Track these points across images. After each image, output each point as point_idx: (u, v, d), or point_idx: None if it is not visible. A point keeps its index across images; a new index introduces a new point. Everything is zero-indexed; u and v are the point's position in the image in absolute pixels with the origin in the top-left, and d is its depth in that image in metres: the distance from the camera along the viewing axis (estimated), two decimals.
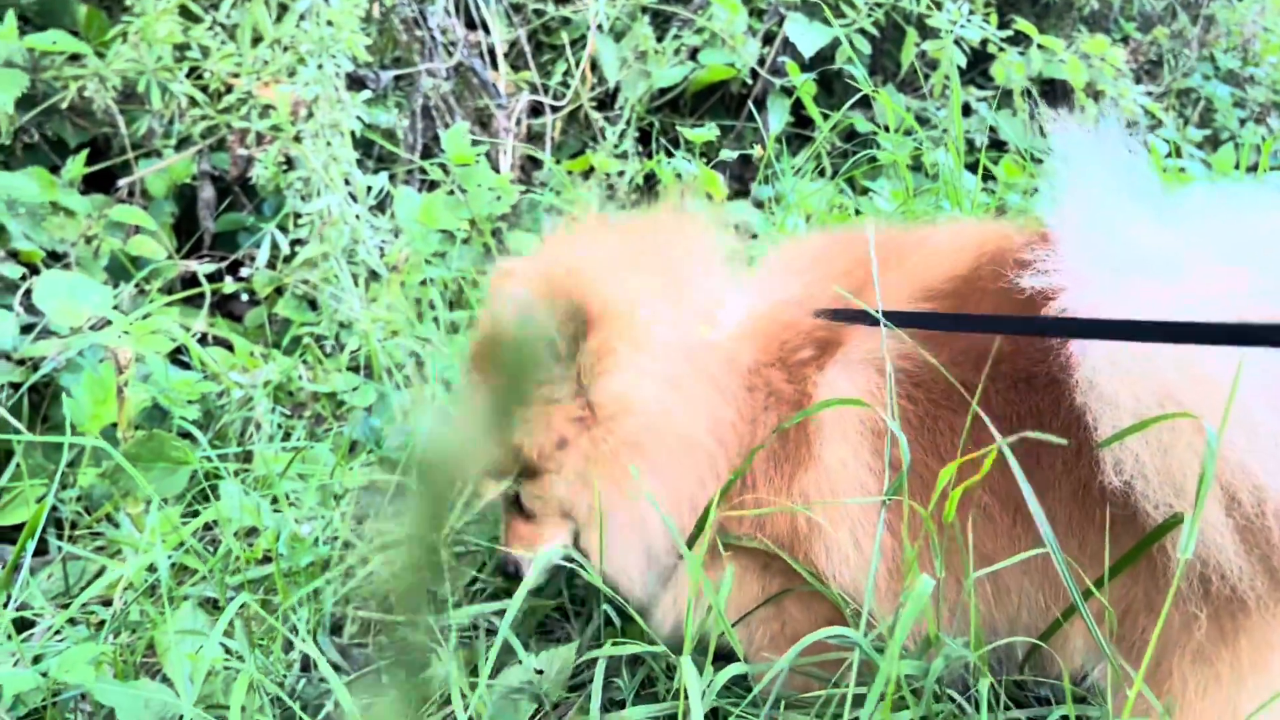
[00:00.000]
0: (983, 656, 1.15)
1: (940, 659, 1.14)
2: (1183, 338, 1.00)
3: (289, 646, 1.62)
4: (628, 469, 1.32)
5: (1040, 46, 3.23)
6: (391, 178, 2.69)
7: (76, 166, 2.28)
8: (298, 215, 2.44)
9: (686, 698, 1.16)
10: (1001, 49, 3.19)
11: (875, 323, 1.26)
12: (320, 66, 2.47)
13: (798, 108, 3.19)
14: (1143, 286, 1.09)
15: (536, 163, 3.10)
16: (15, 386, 1.94)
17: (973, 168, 2.80)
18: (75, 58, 2.45)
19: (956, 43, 3.06)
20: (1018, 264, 1.18)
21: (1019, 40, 3.25)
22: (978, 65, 3.41)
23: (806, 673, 1.31)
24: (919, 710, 1.15)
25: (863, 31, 3.17)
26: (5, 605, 1.55)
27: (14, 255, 2.04)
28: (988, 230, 1.40)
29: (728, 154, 2.88)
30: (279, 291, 2.46)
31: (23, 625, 1.65)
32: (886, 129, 2.83)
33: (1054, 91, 3.58)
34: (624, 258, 1.42)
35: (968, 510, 1.20)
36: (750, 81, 3.22)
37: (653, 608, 1.45)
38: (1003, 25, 3.21)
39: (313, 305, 2.44)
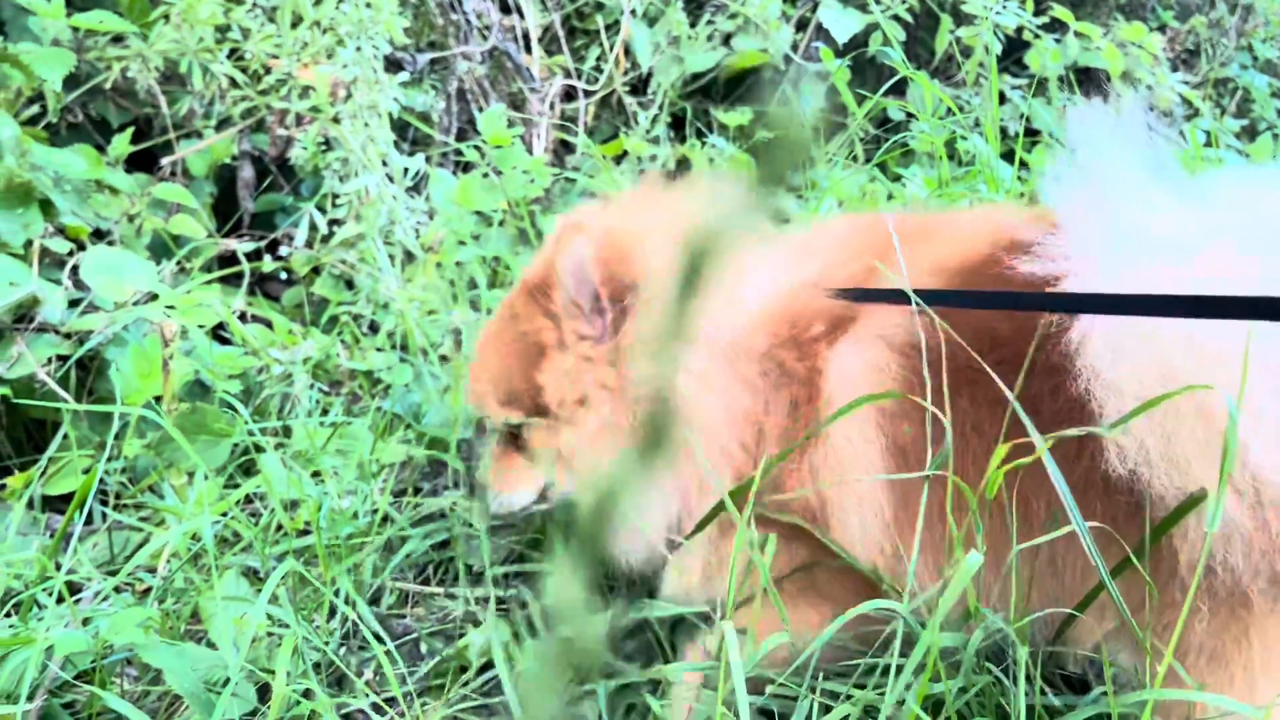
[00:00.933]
0: (1022, 630, 1.16)
1: (980, 631, 1.15)
2: (1197, 311, 0.99)
3: (331, 615, 1.65)
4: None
5: (1077, 34, 3.21)
6: (427, 159, 2.71)
7: (121, 144, 2.31)
8: (335, 196, 2.47)
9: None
10: (1037, 36, 3.16)
11: (892, 300, 1.26)
12: (359, 48, 2.49)
13: (830, 94, 3.19)
14: (1145, 271, 1.08)
15: (569, 147, 3.11)
16: (62, 359, 1.98)
17: (1007, 157, 2.78)
18: (118, 39, 2.49)
19: (992, 29, 3.05)
20: (1026, 252, 1.18)
21: (1055, 27, 3.22)
22: (1013, 53, 3.39)
23: (842, 645, 1.33)
24: (958, 681, 1.16)
25: (897, 18, 3.17)
26: (56, 572, 1.59)
27: (61, 231, 2.08)
28: (1006, 218, 1.39)
29: (763, 134, 2.89)
30: (316, 271, 2.49)
31: (71, 591, 1.69)
32: (918, 115, 2.83)
33: (1090, 79, 3.56)
34: (673, 230, 1.42)
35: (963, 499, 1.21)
36: (783, 68, 3.22)
37: (658, 574, 1.48)
38: (1039, 12, 3.19)
39: (349, 285, 2.47)
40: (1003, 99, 3.30)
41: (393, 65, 2.74)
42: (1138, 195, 1.16)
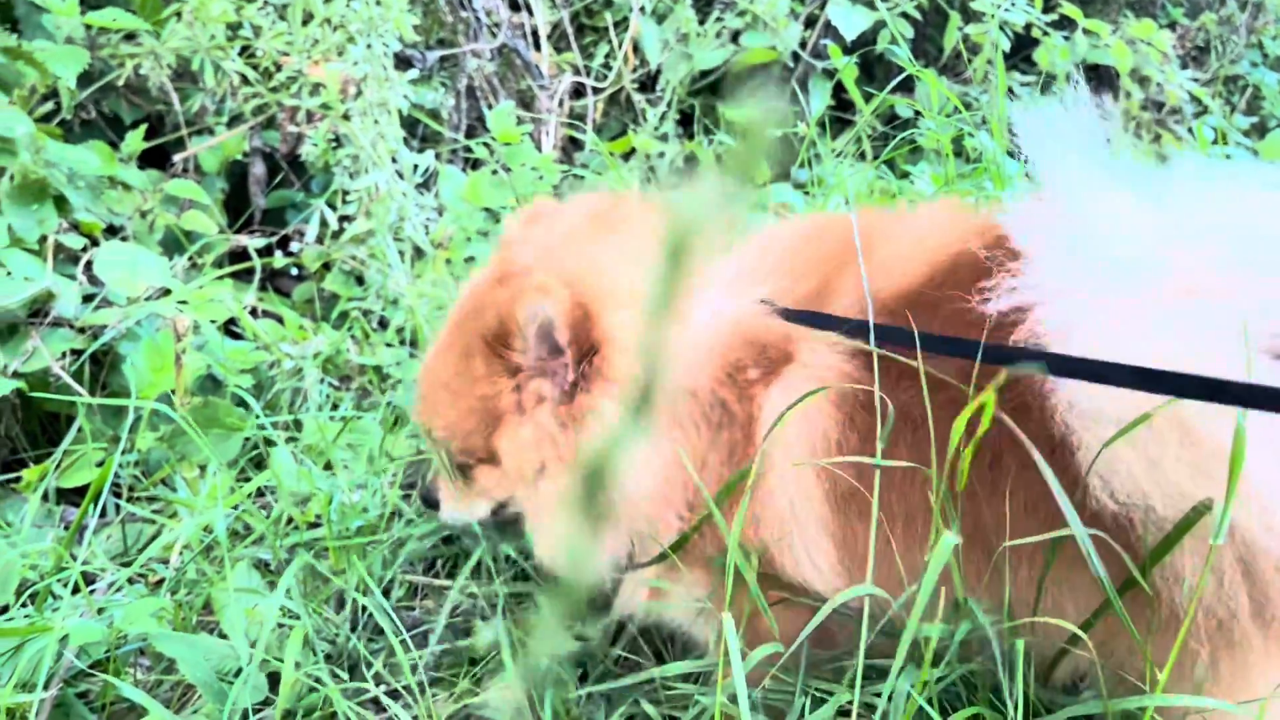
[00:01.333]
0: (1014, 630, 1.17)
1: (966, 623, 1.15)
2: (1148, 385, 0.95)
3: (339, 607, 1.67)
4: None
5: (1085, 31, 3.21)
6: (436, 156, 2.73)
7: (135, 141, 2.33)
8: (346, 192, 2.49)
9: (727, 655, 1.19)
10: (1046, 33, 3.17)
11: (846, 329, 1.23)
12: (369, 46, 2.51)
13: (838, 91, 3.19)
14: (1118, 303, 1.04)
15: (578, 144, 3.13)
16: (76, 354, 2.00)
17: (1014, 154, 2.79)
18: (131, 36, 2.51)
19: (1000, 27, 3.05)
20: (977, 276, 1.12)
21: (1064, 24, 3.22)
22: (1021, 50, 3.39)
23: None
24: (941, 671, 1.17)
25: (905, 15, 3.17)
26: (72, 562, 1.61)
27: (75, 227, 2.10)
28: (948, 231, 1.31)
29: (769, 133, 2.89)
30: (327, 267, 2.51)
31: (85, 582, 1.71)
32: (925, 112, 2.83)
33: (1099, 77, 3.56)
34: (622, 258, 1.37)
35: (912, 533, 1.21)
36: (792, 64, 3.23)
37: (615, 593, 1.47)
38: (1048, 9, 3.19)
39: (359, 281, 2.49)
40: (1011, 96, 3.30)
41: (402, 62, 2.75)
42: (1096, 205, 1.11)
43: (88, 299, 2.06)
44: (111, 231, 2.30)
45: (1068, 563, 1.12)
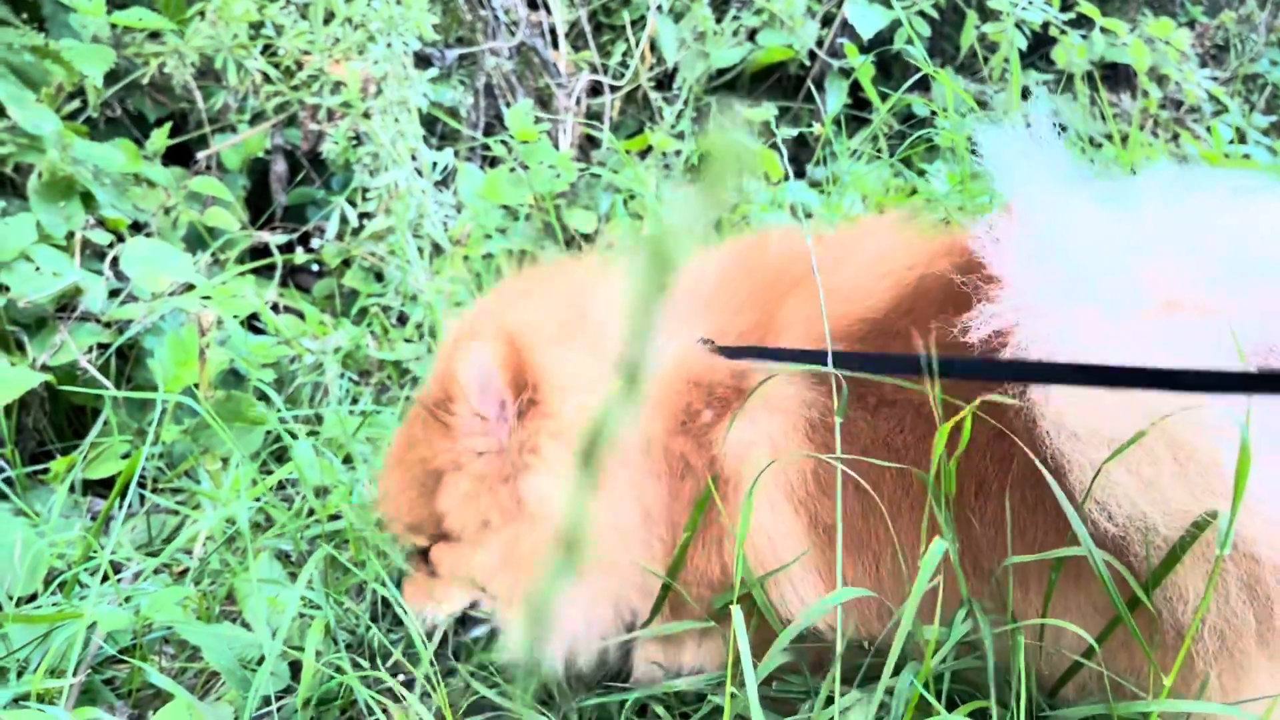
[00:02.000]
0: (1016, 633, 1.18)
1: (966, 621, 1.16)
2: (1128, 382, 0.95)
3: (359, 596, 1.70)
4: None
5: (1103, 29, 3.21)
6: (455, 154, 2.75)
7: (160, 139, 2.37)
8: (365, 190, 2.52)
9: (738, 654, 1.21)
10: (1063, 31, 3.16)
11: (807, 362, 1.19)
12: (389, 44, 2.54)
13: (855, 90, 3.20)
14: (1099, 320, 1.03)
15: (595, 141, 3.15)
16: (103, 348, 2.04)
17: None
18: (155, 35, 2.55)
19: (1018, 25, 3.05)
20: (947, 300, 1.11)
21: (1082, 23, 3.22)
22: (1039, 49, 3.39)
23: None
24: (948, 665, 1.19)
25: (922, 14, 3.17)
26: (99, 552, 1.65)
27: (101, 223, 2.14)
28: (912, 253, 1.28)
29: (786, 131, 2.91)
30: (347, 263, 2.54)
31: (112, 571, 1.75)
32: (941, 111, 2.84)
33: (1116, 76, 3.55)
34: (562, 323, 1.35)
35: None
36: (808, 63, 3.24)
37: (628, 665, 1.45)
38: (1065, 7, 3.19)
39: (379, 277, 2.53)
40: (1027, 95, 3.30)
41: (422, 61, 2.78)
42: (1065, 221, 1.10)
43: (114, 294, 2.10)
44: (136, 228, 2.33)
45: (1067, 583, 1.11)
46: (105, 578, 1.60)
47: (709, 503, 1.25)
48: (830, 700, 1.18)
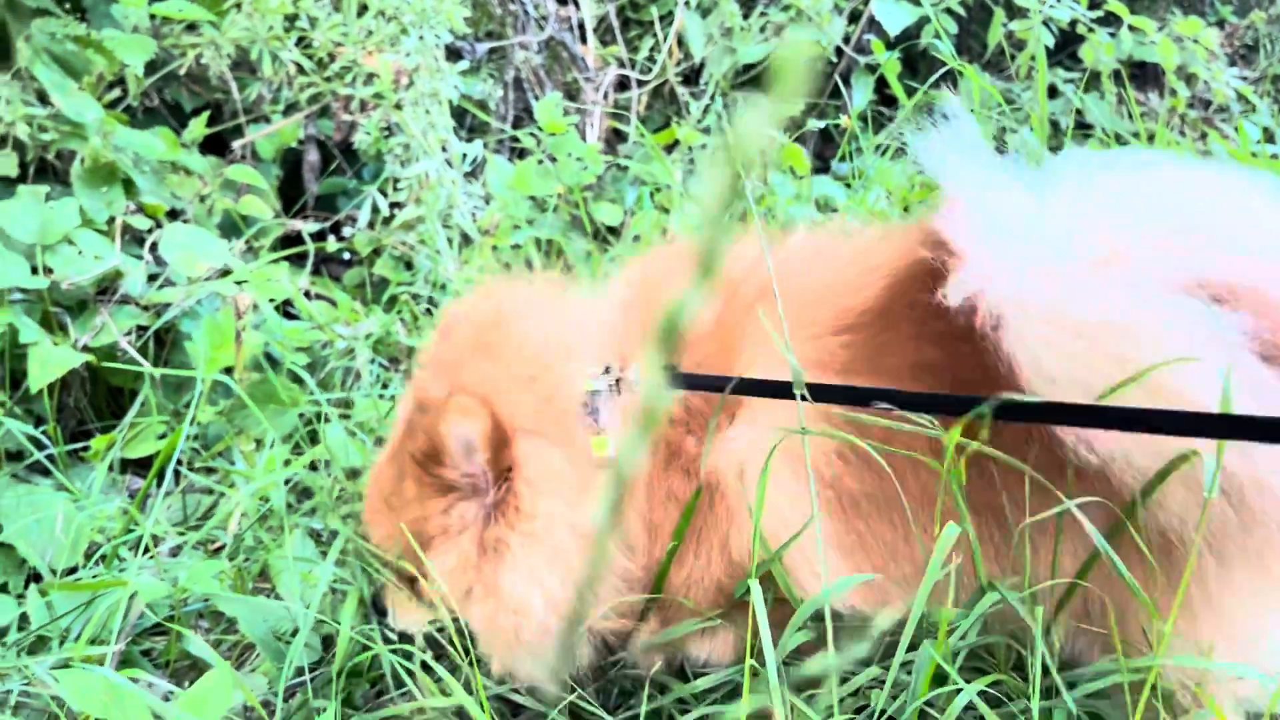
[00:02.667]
0: (1032, 597, 1.21)
1: (988, 597, 1.19)
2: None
3: None
4: (524, 645, 1.34)
5: (1131, 28, 3.20)
6: (484, 146, 2.79)
7: (198, 127, 2.42)
8: (396, 180, 2.56)
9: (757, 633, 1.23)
10: (1091, 30, 3.17)
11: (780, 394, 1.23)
12: (421, 37, 2.58)
13: (880, 86, 3.22)
14: (1051, 274, 1.15)
15: (621, 136, 3.18)
16: (141, 330, 2.09)
17: (1058, 150, 2.80)
18: (192, 27, 2.60)
19: (1045, 23, 3.05)
20: (935, 280, 1.19)
21: (1110, 21, 3.22)
22: (1066, 46, 3.39)
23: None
24: (969, 641, 1.22)
25: (949, 11, 3.18)
26: (142, 523, 1.70)
27: (140, 209, 2.19)
28: (889, 246, 1.36)
29: (814, 124, 2.93)
30: (377, 252, 2.58)
31: (146, 549, 1.80)
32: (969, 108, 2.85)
33: (1144, 74, 3.55)
34: (536, 403, 1.36)
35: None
36: (835, 59, 3.26)
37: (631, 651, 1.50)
38: (1093, 5, 3.19)
39: (408, 266, 2.56)
40: (1055, 93, 3.31)
41: (453, 54, 2.82)
42: (998, 202, 1.21)
43: (152, 278, 2.15)
44: (172, 215, 2.38)
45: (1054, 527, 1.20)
46: (146, 549, 1.64)
47: (708, 511, 1.29)
48: (847, 677, 1.21)
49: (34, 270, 1.94)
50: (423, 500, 1.37)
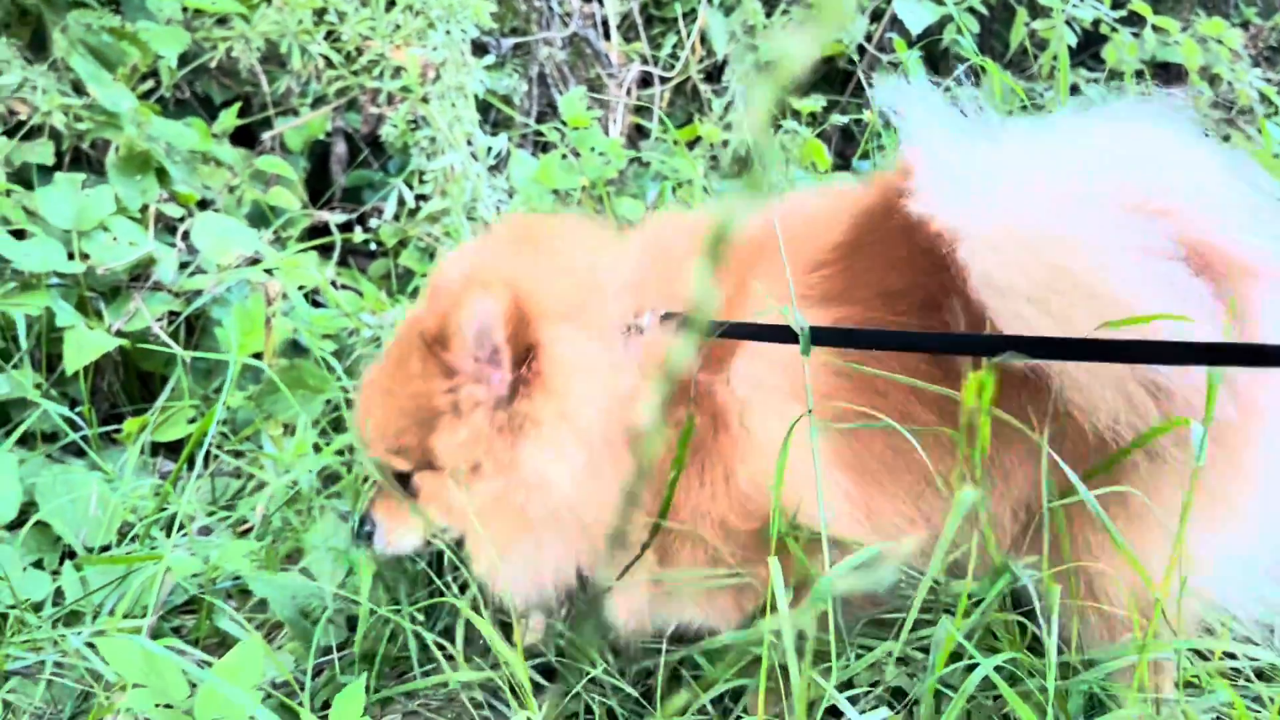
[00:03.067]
0: (1050, 578, 1.23)
1: (1005, 576, 1.22)
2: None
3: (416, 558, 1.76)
4: (529, 526, 1.38)
5: (1155, 28, 3.20)
6: (508, 140, 2.82)
7: (229, 118, 2.46)
8: (422, 172, 2.59)
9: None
10: (1115, 30, 3.17)
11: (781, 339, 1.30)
12: (448, 32, 2.61)
13: None
14: (996, 195, 1.27)
15: (643, 132, 3.20)
16: (173, 316, 2.13)
17: None
18: (223, 20, 2.64)
19: (1068, 22, 3.06)
20: (892, 212, 1.31)
21: (1133, 21, 3.22)
22: (1089, 46, 3.39)
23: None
24: (980, 620, 1.23)
25: (971, 10, 3.19)
26: (178, 500, 1.73)
27: (173, 198, 2.23)
28: (854, 193, 1.48)
29: (837, 119, 2.95)
30: (402, 243, 2.62)
31: (176, 529, 1.83)
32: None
33: (1168, 75, 3.54)
34: (573, 296, 1.41)
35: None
36: (857, 57, 3.27)
37: (606, 606, 1.50)
38: (1116, 5, 3.19)
39: (433, 257, 2.59)
40: (1076, 92, 3.30)
41: (478, 49, 2.85)
42: (951, 150, 1.34)
43: (183, 266, 2.19)
44: (202, 205, 2.42)
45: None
46: (180, 527, 1.68)
47: (711, 442, 1.34)
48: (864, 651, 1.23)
49: (70, 255, 1.98)
50: (428, 377, 1.39)
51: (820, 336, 1.26)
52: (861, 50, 3.25)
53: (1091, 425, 1.24)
